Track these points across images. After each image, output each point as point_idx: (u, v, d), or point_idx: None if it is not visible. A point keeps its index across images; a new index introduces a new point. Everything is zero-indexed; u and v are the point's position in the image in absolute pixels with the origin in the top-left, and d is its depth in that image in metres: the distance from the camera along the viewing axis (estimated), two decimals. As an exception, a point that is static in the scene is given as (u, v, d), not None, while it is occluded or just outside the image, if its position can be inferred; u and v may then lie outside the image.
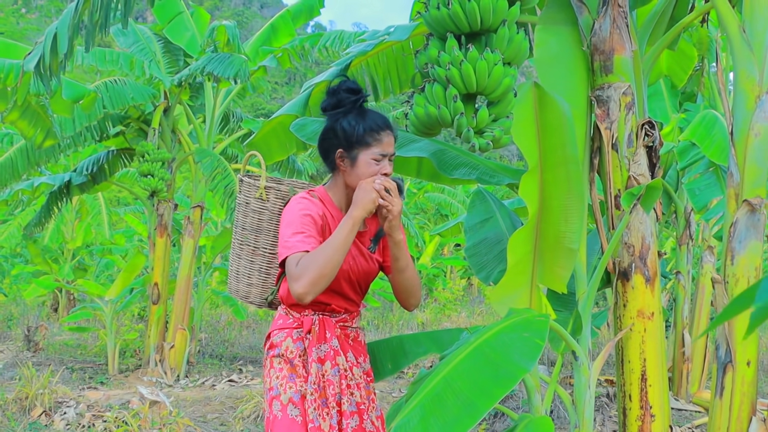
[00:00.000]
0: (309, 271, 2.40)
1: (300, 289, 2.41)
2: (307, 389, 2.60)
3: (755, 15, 2.81)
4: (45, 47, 3.54)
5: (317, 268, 2.41)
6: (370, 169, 2.62)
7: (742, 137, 2.81)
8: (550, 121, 2.71)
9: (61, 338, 10.83)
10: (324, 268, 2.42)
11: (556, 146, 2.72)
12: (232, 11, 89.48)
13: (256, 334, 11.70)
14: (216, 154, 8.28)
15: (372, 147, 2.61)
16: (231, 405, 6.92)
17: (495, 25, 2.53)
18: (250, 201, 2.89)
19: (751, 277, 2.78)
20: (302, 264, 2.43)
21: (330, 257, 2.44)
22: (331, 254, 2.44)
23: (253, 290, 2.93)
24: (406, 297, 2.83)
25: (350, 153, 2.63)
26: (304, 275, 2.40)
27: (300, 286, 2.41)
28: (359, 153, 2.62)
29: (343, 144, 2.64)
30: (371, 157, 2.61)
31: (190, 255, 8.73)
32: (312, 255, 2.44)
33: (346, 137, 2.62)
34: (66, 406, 6.42)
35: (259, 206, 2.88)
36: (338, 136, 2.65)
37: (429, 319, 13.32)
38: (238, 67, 6.91)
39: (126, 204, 23.94)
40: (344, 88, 2.69)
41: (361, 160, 2.62)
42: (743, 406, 2.80)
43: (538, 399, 2.99)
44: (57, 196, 8.91)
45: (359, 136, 2.60)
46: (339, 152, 2.65)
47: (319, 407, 2.58)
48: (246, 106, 32.96)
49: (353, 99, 2.67)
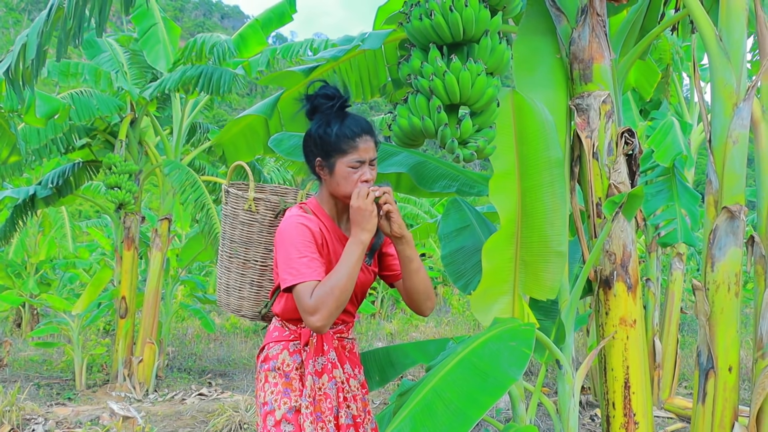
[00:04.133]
0: (326, 305, 2.37)
1: (318, 323, 2.37)
2: (301, 403, 2.57)
3: (731, 23, 2.84)
4: (14, 55, 3.49)
5: (334, 301, 2.38)
6: (349, 178, 2.56)
7: (720, 144, 2.83)
8: (528, 126, 2.72)
9: (26, 354, 10.65)
10: (339, 300, 2.39)
11: (537, 151, 2.73)
12: (193, 22, 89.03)
13: (224, 347, 11.60)
14: (185, 167, 8.21)
15: (348, 154, 2.55)
16: (202, 419, 6.85)
17: (477, 35, 2.53)
18: (239, 213, 2.85)
19: (732, 284, 2.81)
20: (317, 297, 2.38)
21: (344, 287, 2.40)
22: (345, 283, 2.41)
23: (245, 303, 2.89)
24: (423, 300, 2.72)
25: (328, 161, 2.58)
26: (321, 309, 2.36)
27: (318, 319, 2.37)
28: (336, 161, 2.56)
29: (320, 152, 2.59)
30: (348, 165, 2.55)
31: (158, 268, 8.64)
32: (326, 286, 2.39)
33: (322, 145, 2.58)
34: (34, 423, 6.32)
35: (248, 218, 2.84)
36: (315, 144, 2.60)
37: (397, 329, 13.29)
38: (228, 81, 6.88)
39: (88, 217, 23.64)
40: (321, 93, 2.63)
41: (338, 168, 2.56)
42: (726, 411, 2.82)
43: (522, 408, 2.99)
44: (21, 209, 8.77)
45: (334, 144, 2.55)
46: (317, 161, 2.61)
47: (314, 421, 2.55)
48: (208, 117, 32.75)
49: (329, 105, 2.61)
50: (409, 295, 2.73)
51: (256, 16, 8.56)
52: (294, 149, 3.55)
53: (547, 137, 2.67)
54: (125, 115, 8.21)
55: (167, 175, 8.18)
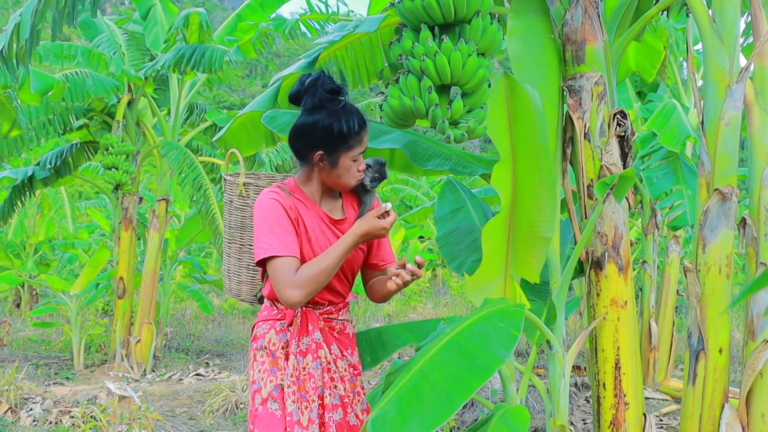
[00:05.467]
0: (310, 285, 2.45)
1: (296, 298, 2.44)
2: (285, 382, 2.59)
3: (725, 5, 2.84)
4: (8, 35, 3.48)
5: (317, 283, 2.47)
6: (351, 170, 2.61)
7: (712, 126, 2.83)
8: (520, 110, 2.71)
9: (25, 334, 10.68)
10: (322, 283, 2.49)
11: (527, 136, 2.73)
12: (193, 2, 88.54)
13: (222, 328, 11.63)
14: (182, 147, 8.19)
15: (354, 148, 2.57)
16: (199, 399, 6.87)
17: (469, 16, 2.51)
18: (233, 199, 2.90)
19: (723, 266, 2.81)
20: (305, 275, 2.46)
21: (330, 272, 2.49)
22: (333, 267, 2.50)
23: (243, 288, 2.95)
24: (381, 297, 2.81)
25: (331, 155, 2.56)
26: (305, 287, 2.45)
27: (297, 295, 2.44)
28: (341, 155, 2.56)
29: (324, 146, 2.55)
30: (351, 158, 2.58)
31: (156, 248, 8.65)
32: (313, 267, 2.48)
33: (330, 140, 2.54)
34: (32, 402, 6.34)
35: (241, 203, 2.89)
36: (319, 138, 2.54)
37: (395, 311, 13.32)
38: (219, 59, 6.84)
39: (88, 198, 23.63)
40: (325, 88, 2.56)
41: (342, 161, 2.58)
42: (716, 393, 2.83)
43: (513, 389, 3.00)
44: (20, 190, 8.75)
45: (343, 139, 2.54)
46: (318, 154, 2.57)
47: (297, 400, 2.57)
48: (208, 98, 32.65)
49: (335, 101, 2.57)
50: (368, 284, 2.90)
51: (250, -4, 8.47)
52: (288, 126, 3.53)
53: (536, 123, 2.65)
54: (122, 96, 8.19)
55: (164, 156, 8.16)
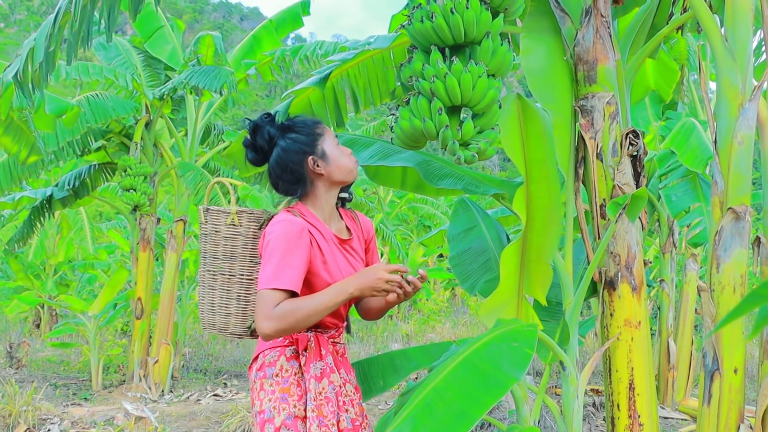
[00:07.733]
0: (284, 322, 2.39)
1: (267, 330, 2.38)
2: (300, 408, 2.56)
3: (737, 23, 2.82)
4: (23, 59, 3.52)
5: (294, 323, 2.41)
6: (343, 151, 2.69)
7: (725, 145, 2.81)
8: (533, 133, 2.72)
9: (44, 354, 10.74)
10: (299, 325, 2.43)
11: (537, 161, 2.74)
12: (212, 24, 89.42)
13: (240, 348, 11.63)
14: (199, 168, 8.25)
15: (325, 134, 2.68)
16: (216, 420, 6.88)
17: (479, 37, 2.53)
18: (220, 229, 2.82)
19: (737, 285, 2.79)
20: (283, 310, 2.39)
21: (310, 317, 2.43)
22: (312, 314, 2.44)
23: (232, 320, 2.83)
24: (376, 312, 2.85)
25: (317, 152, 2.64)
26: (280, 323, 2.39)
27: (269, 327, 2.38)
28: (322, 145, 2.65)
29: (306, 149, 2.63)
30: (333, 142, 2.68)
31: (174, 269, 8.69)
32: (295, 307, 2.41)
33: (304, 141, 2.64)
34: (50, 423, 6.38)
35: (231, 232, 2.81)
36: (297, 150, 2.63)
37: (413, 330, 13.29)
38: (225, 79, 6.89)
39: (108, 219, 23.78)
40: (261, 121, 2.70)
41: (328, 149, 2.66)
42: (731, 413, 2.80)
43: (526, 409, 2.99)
44: (39, 210, 8.83)
45: (310, 131, 2.66)
46: (310, 160, 2.62)
47: (318, 426, 2.54)
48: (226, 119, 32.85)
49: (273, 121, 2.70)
50: (366, 310, 2.90)
51: (270, 17, 8.59)
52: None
53: (546, 148, 2.68)
54: (140, 117, 8.26)
55: (181, 177, 8.22)
